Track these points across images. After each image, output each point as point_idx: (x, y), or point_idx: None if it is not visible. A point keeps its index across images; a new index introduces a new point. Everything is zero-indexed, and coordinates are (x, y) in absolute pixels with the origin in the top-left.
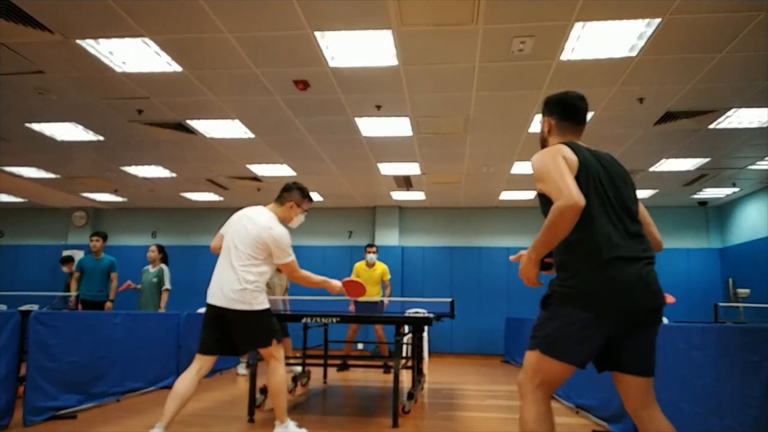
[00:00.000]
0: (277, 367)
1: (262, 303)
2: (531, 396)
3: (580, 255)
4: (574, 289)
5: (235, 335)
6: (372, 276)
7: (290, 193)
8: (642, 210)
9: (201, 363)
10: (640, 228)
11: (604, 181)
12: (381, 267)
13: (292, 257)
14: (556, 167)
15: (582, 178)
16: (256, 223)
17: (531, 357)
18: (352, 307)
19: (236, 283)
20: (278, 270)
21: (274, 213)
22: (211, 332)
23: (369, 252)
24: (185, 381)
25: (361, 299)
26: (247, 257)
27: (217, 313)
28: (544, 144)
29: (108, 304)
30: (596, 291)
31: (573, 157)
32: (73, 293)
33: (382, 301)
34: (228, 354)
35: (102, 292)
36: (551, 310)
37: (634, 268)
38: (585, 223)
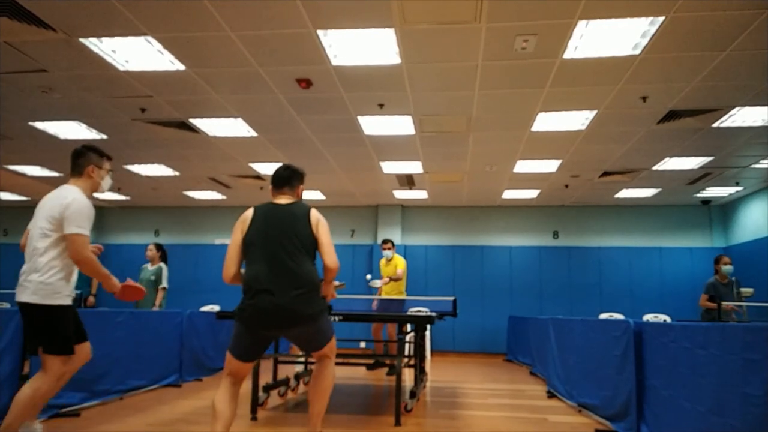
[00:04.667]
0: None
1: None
2: (222, 381)
3: (244, 285)
4: (238, 309)
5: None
6: (389, 271)
7: (85, 158)
8: (322, 244)
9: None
10: (292, 265)
11: (268, 233)
12: (397, 260)
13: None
14: (230, 242)
15: (250, 230)
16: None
17: (227, 354)
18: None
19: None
20: None
21: (77, 187)
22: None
23: (384, 248)
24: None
25: (381, 297)
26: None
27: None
28: None
29: (90, 299)
30: (246, 312)
31: (248, 217)
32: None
33: (401, 300)
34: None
35: (81, 288)
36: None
37: (270, 298)
38: (246, 265)
